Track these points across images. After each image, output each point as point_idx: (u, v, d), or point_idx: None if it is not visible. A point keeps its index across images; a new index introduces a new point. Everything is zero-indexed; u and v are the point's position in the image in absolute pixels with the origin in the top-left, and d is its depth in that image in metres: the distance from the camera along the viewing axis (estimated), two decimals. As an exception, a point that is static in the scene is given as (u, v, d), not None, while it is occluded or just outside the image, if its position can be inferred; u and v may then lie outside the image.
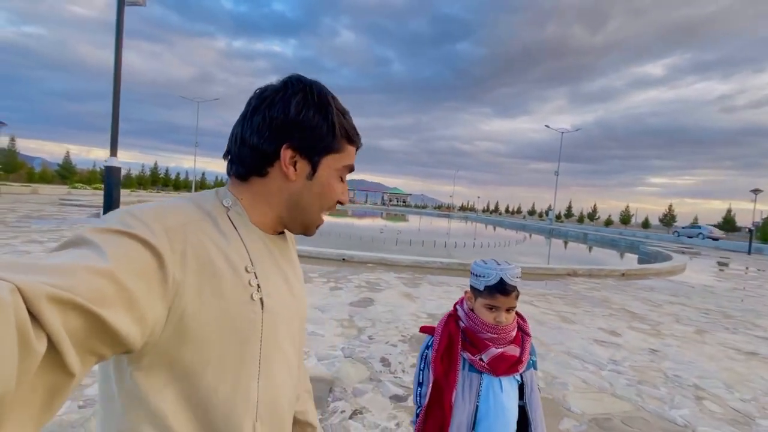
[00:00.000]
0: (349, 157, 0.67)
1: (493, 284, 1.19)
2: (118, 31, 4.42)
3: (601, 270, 9.28)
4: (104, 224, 0.46)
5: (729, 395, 3.17)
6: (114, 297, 0.39)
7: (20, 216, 12.11)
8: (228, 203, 0.60)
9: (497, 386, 1.20)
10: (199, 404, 0.51)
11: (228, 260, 0.54)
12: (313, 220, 0.67)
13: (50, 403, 0.34)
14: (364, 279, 6.56)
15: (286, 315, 0.63)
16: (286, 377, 0.63)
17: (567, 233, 30.55)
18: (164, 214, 0.51)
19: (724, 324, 5.57)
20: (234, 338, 0.53)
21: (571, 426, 2.52)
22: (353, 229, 19.88)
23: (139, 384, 0.48)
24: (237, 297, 0.54)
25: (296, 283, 0.70)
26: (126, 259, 0.42)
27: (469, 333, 1.23)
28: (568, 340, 4.26)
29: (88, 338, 0.37)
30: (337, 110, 0.64)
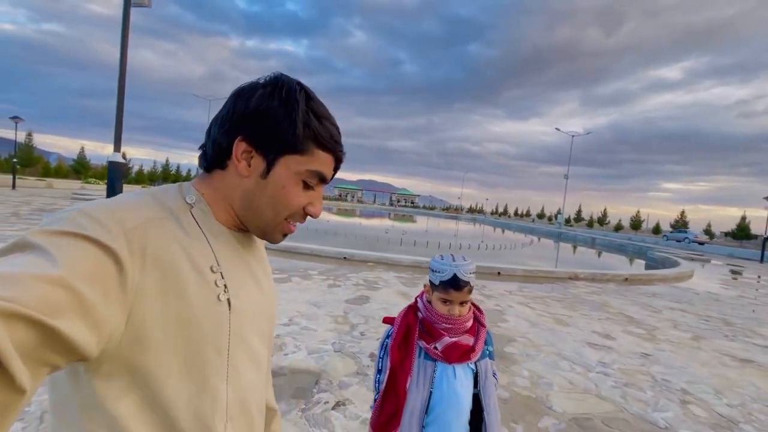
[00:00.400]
0: (318, 163, 0.60)
1: (447, 280, 1.25)
2: (123, 31, 4.55)
3: (603, 274, 9.21)
4: (53, 226, 0.43)
5: (716, 400, 3.17)
6: (67, 305, 0.37)
7: (33, 209, 12.46)
8: (191, 200, 0.57)
9: (451, 374, 1.26)
10: (164, 408, 0.49)
11: (192, 261, 0.52)
12: (269, 225, 0.61)
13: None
14: (362, 277, 6.63)
15: (255, 314, 0.61)
16: (255, 376, 0.62)
17: (575, 237, 30.25)
18: (122, 212, 0.48)
19: (723, 331, 5.52)
20: (200, 341, 0.51)
21: (550, 424, 2.55)
22: (359, 228, 19.98)
23: (97, 390, 0.46)
24: (202, 299, 0.52)
25: (265, 281, 0.67)
26: (79, 264, 0.40)
27: (426, 323, 1.29)
28: (559, 341, 4.27)
29: (40, 350, 0.35)
30: (309, 110, 0.59)
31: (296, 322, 4.01)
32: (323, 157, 0.60)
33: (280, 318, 4.10)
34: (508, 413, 2.64)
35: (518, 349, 3.88)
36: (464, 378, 1.28)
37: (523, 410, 2.70)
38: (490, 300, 5.92)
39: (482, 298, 6.02)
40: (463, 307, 1.27)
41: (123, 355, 0.46)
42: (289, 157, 0.58)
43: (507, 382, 3.12)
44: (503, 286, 7.19)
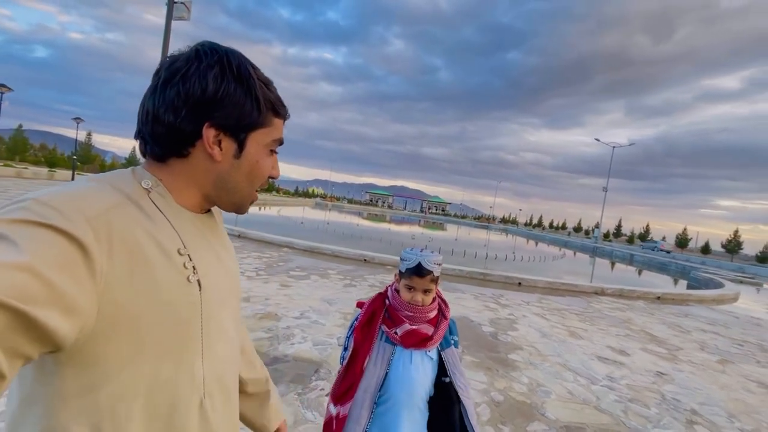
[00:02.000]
0: (277, 130, 0.63)
1: (412, 267, 1.35)
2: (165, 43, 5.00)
3: (633, 291, 8.81)
4: (11, 215, 0.41)
5: (727, 423, 3.03)
6: (38, 293, 0.37)
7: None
8: (148, 185, 0.56)
9: (407, 358, 1.36)
10: (141, 392, 0.50)
11: (158, 245, 0.51)
12: (244, 198, 0.64)
13: None
14: (379, 279, 6.77)
15: (223, 291, 0.63)
16: (229, 351, 0.64)
17: (612, 253, 28.84)
18: (82, 200, 0.46)
19: (757, 357, 5.17)
20: (173, 323, 0.52)
21: (539, 429, 2.57)
22: (386, 234, 20.14)
23: (69, 381, 0.46)
24: (172, 281, 0.52)
25: (228, 260, 0.68)
26: (45, 252, 0.39)
27: (391, 310, 1.40)
28: (568, 353, 4.20)
29: (14, 338, 0.35)
30: (260, 82, 0.60)
31: (307, 316, 4.21)
32: (278, 123, 0.63)
33: (291, 311, 4.32)
34: (498, 415, 2.68)
35: (522, 357, 3.86)
36: (421, 364, 1.36)
37: (515, 414, 2.72)
38: (505, 309, 5.88)
39: (497, 306, 5.99)
40: (427, 296, 1.36)
41: (96, 343, 0.45)
42: (256, 132, 0.60)
43: (504, 386, 3.14)
44: (522, 296, 7.08)
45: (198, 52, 0.57)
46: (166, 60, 0.58)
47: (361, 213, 48.23)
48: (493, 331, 4.66)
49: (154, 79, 0.57)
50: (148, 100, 0.57)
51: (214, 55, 0.57)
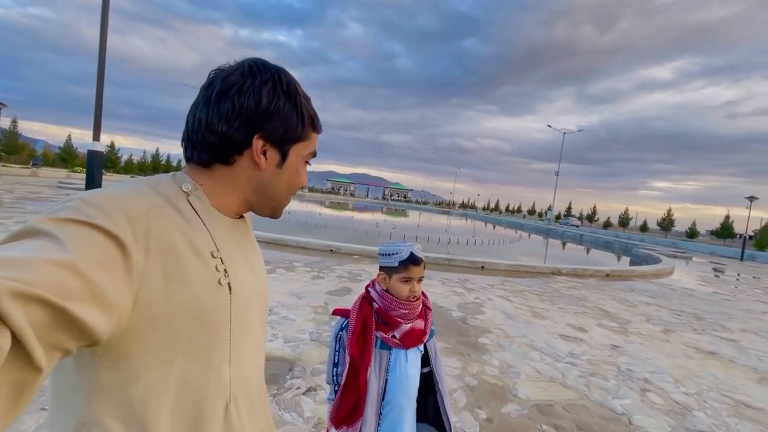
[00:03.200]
0: (313, 144, 0.69)
1: (406, 258, 1.31)
2: (103, 17, 4.50)
3: (585, 270, 9.42)
4: (60, 213, 0.44)
5: (674, 389, 3.32)
6: (78, 289, 0.38)
7: (16, 197, 12.28)
8: (188, 188, 0.58)
9: (403, 358, 1.32)
10: (170, 391, 0.51)
11: (193, 246, 0.54)
12: (281, 204, 0.69)
13: (17, 400, 0.34)
14: (347, 270, 6.71)
15: (252, 296, 0.64)
16: (256, 355, 0.65)
17: (563, 234, 30.66)
18: (124, 201, 0.49)
19: (693, 325, 5.72)
20: (203, 324, 0.53)
21: (513, 410, 2.67)
22: (350, 222, 20.03)
23: (104, 375, 0.48)
24: (204, 283, 0.53)
25: (258, 264, 0.70)
26: (88, 250, 0.41)
27: (382, 313, 1.32)
28: (533, 333, 4.41)
29: (54, 332, 0.37)
30: (304, 98, 0.65)
31: (276, 312, 4.08)
32: (314, 137, 0.69)
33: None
34: (474, 399, 2.75)
35: (491, 340, 4.00)
36: (414, 359, 1.35)
37: (489, 397, 2.81)
38: (471, 293, 6.05)
39: (463, 291, 6.15)
40: (420, 284, 1.34)
41: (130, 339, 0.47)
42: (298, 145, 0.65)
43: (477, 370, 3.24)
44: (486, 280, 7.33)
45: (252, 68, 0.61)
46: (218, 73, 0.62)
47: (323, 201, 47.58)
48: (462, 315, 4.78)
49: (206, 91, 0.61)
50: (200, 110, 0.60)
51: (266, 71, 0.61)
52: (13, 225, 7.44)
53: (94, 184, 4.55)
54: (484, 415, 2.57)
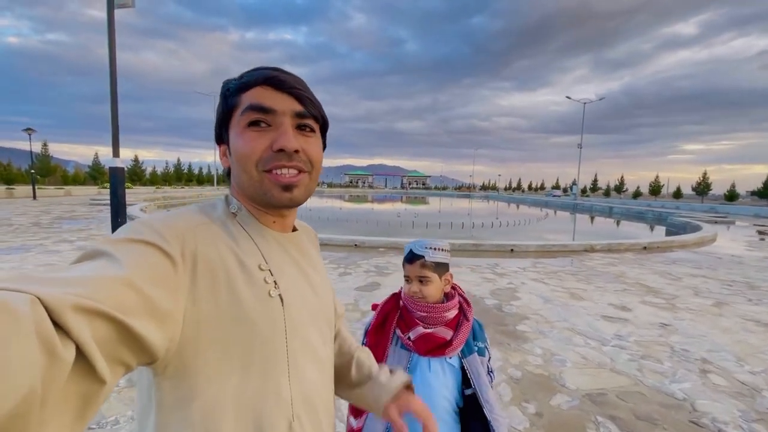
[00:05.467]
0: (245, 101, 0.59)
1: (405, 255, 1.24)
2: (109, 34, 4.52)
3: (620, 244, 9.00)
4: (116, 236, 0.47)
5: (737, 368, 3.07)
6: (135, 305, 0.40)
7: (53, 218, 12.84)
8: (234, 209, 0.61)
9: (425, 366, 1.21)
10: (228, 407, 0.51)
11: (239, 260, 0.54)
12: (255, 189, 0.59)
13: (83, 412, 0.35)
14: (373, 264, 6.64)
15: (310, 312, 0.62)
16: (318, 374, 0.62)
17: (591, 207, 29.62)
18: (173, 221, 0.52)
19: (747, 295, 5.34)
20: (256, 337, 0.53)
21: (562, 401, 2.52)
22: (371, 214, 19.99)
23: (167, 394, 0.49)
24: (254, 296, 0.53)
25: (318, 280, 0.68)
26: (141, 267, 0.43)
27: (404, 311, 1.26)
28: (573, 316, 4.20)
29: (115, 347, 0.38)
30: (231, 79, 0.63)
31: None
32: (249, 94, 0.59)
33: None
34: (519, 392, 2.62)
35: (531, 327, 3.83)
36: (440, 372, 1.22)
37: (535, 389, 2.67)
38: (503, 278, 5.86)
39: (494, 276, 5.97)
40: (426, 286, 1.21)
41: (185, 355, 0.48)
42: (231, 122, 0.61)
43: (519, 360, 3.09)
44: (517, 263, 7.11)
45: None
46: None
47: (342, 196, 47.80)
48: (496, 303, 4.62)
49: None
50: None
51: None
52: (51, 245, 7.76)
53: (117, 200, 4.63)
54: (532, 409, 2.44)
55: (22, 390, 0.29)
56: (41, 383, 0.30)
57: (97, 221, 12.14)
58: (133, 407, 2.32)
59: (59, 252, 7.04)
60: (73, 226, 10.74)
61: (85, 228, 10.48)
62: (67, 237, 8.83)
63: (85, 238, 8.71)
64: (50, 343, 0.31)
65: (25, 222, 11.42)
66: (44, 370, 0.30)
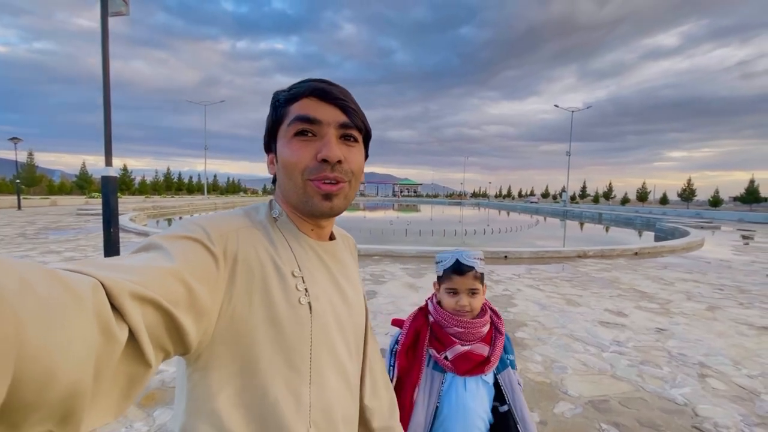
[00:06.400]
0: (293, 112, 0.61)
1: (450, 266, 1.17)
2: (103, 42, 4.47)
3: (612, 250, 9.10)
4: (169, 231, 0.51)
5: (735, 372, 3.10)
6: (181, 297, 0.42)
7: (39, 228, 12.54)
8: (276, 213, 0.64)
9: (461, 386, 1.16)
10: (251, 406, 0.52)
11: (275, 265, 0.56)
12: (298, 195, 0.61)
13: (129, 392, 0.37)
14: (368, 272, 6.60)
15: (338, 322, 0.62)
16: (341, 385, 0.62)
17: (581, 214, 29.99)
18: (219, 222, 0.55)
19: (738, 299, 5.42)
20: (283, 341, 0.54)
21: (566, 409, 2.51)
22: (363, 222, 19.95)
23: (196, 384, 0.51)
24: (284, 301, 0.55)
25: (350, 291, 0.68)
26: (189, 262, 0.46)
27: (437, 328, 1.19)
28: (571, 323, 4.21)
29: (161, 334, 0.40)
30: (281, 91, 0.64)
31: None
32: (298, 104, 0.61)
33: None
34: (522, 401, 2.59)
35: (529, 334, 3.83)
36: (476, 391, 1.17)
37: (538, 396, 2.65)
38: (498, 285, 5.87)
39: (490, 283, 5.97)
40: (474, 298, 1.17)
41: (215, 350, 0.50)
42: (279, 131, 0.62)
43: (520, 368, 3.07)
44: (511, 269, 7.13)
45: None
46: None
47: (334, 204, 47.54)
48: (493, 310, 4.61)
49: None
50: None
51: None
52: (38, 255, 7.56)
53: (110, 209, 4.54)
54: (536, 417, 2.42)
55: (81, 366, 0.30)
56: (96, 361, 0.32)
57: (85, 231, 11.88)
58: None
59: (46, 263, 6.84)
60: (60, 237, 10.49)
61: (72, 238, 10.24)
62: (53, 248, 8.62)
63: (73, 249, 8.50)
64: (107, 325, 0.33)
65: (11, 233, 11.13)
66: (100, 349, 0.32)
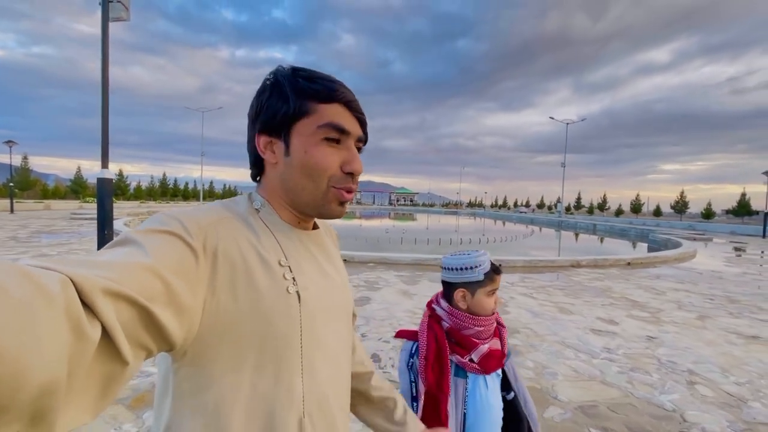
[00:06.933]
0: (327, 115, 0.59)
1: (489, 269, 1.17)
2: (103, 47, 4.52)
3: (605, 260, 9.17)
4: (144, 225, 0.49)
5: (723, 379, 3.14)
6: (158, 292, 0.41)
7: (32, 232, 12.44)
8: (258, 205, 0.62)
9: (483, 385, 1.15)
10: (242, 399, 0.51)
11: (260, 255, 0.55)
12: (316, 197, 0.61)
13: (106, 391, 0.36)
14: (363, 278, 6.61)
15: (327, 310, 0.62)
16: (333, 373, 0.62)
17: (576, 225, 30.19)
18: (197, 215, 0.53)
19: (728, 309, 5.48)
20: (272, 332, 0.53)
21: (555, 414, 2.53)
22: (359, 230, 19.96)
23: (183, 380, 0.50)
24: (272, 291, 0.54)
25: (338, 279, 0.67)
26: (165, 256, 0.44)
27: (454, 333, 1.17)
28: (563, 330, 4.24)
29: (138, 331, 0.39)
30: (296, 77, 0.60)
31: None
32: (329, 108, 0.60)
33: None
34: (513, 406, 2.61)
35: (522, 341, 3.85)
36: (494, 386, 1.18)
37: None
38: (492, 293, 5.89)
39: (484, 291, 5.99)
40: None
41: (202, 345, 0.49)
42: (298, 124, 0.59)
43: (511, 374, 3.09)
44: (505, 278, 7.16)
45: (262, 83, 0.63)
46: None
47: (330, 212, 47.54)
48: (486, 317, 4.63)
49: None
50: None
51: (267, 77, 0.62)
52: (30, 260, 7.49)
53: (105, 212, 4.54)
54: (526, 422, 2.43)
55: (51, 366, 0.29)
56: (68, 360, 0.31)
57: (78, 236, 11.80)
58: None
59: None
60: (53, 240, 10.42)
61: (65, 242, 10.17)
62: (46, 251, 8.56)
63: (66, 253, 8.44)
64: (78, 322, 0.32)
65: (2, 236, 11.04)
66: (72, 348, 0.31)
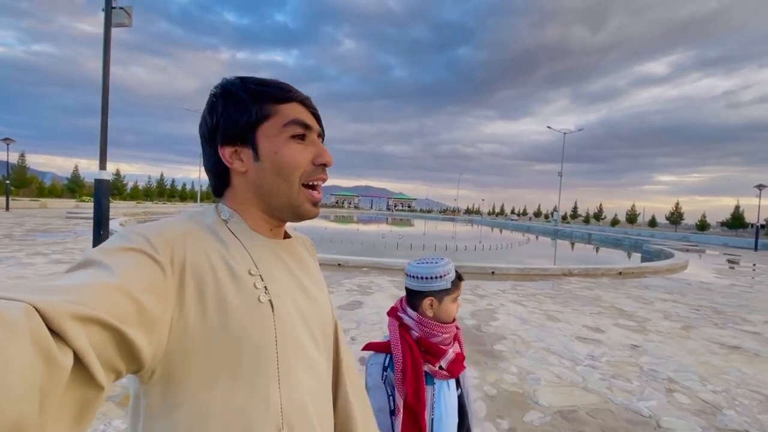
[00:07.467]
0: (288, 114, 0.61)
1: (455, 275, 1.18)
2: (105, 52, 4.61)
3: (597, 269, 9.27)
4: (106, 245, 0.48)
5: (701, 387, 3.22)
6: (129, 312, 0.40)
7: (27, 230, 12.44)
8: (226, 216, 0.61)
9: (446, 389, 1.18)
10: (216, 414, 0.50)
11: (229, 266, 0.54)
12: (291, 198, 0.62)
13: (81, 417, 0.35)
14: (356, 283, 6.67)
15: (303, 319, 0.61)
16: (313, 382, 0.60)
17: (572, 234, 30.37)
18: (162, 229, 0.52)
19: (713, 320, 5.58)
20: (244, 343, 0.52)
21: (535, 418, 2.60)
22: (356, 235, 20.02)
23: (154, 401, 0.49)
24: (243, 302, 0.53)
25: (314, 289, 0.67)
26: (132, 274, 0.43)
27: (424, 342, 1.16)
28: (549, 337, 4.32)
29: (110, 353, 0.38)
30: (246, 85, 0.61)
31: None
32: (288, 108, 0.62)
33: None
34: (494, 409, 2.68)
35: (508, 347, 3.92)
36: (454, 387, 1.22)
37: (510, 406, 2.74)
38: (483, 300, 5.97)
39: (475, 297, 6.07)
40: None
41: (171, 362, 0.48)
42: (262, 127, 0.60)
43: (495, 379, 3.16)
44: (497, 285, 7.24)
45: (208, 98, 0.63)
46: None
47: (328, 216, 47.71)
48: (475, 323, 4.71)
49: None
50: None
51: (212, 91, 0.63)
52: (24, 257, 7.53)
53: (101, 212, 4.59)
54: (506, 425, 2.50)
55: (21, 400, 0.28)
56: (40, 391, 0.30)
57: (73, 234, 11.82)
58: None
59: (33, 264, 6.83)
60: (48, 239, 10.43)
61: (61, 241, 10.19)
62: (41, 250, 8.58)
63: (61, 252, 8.47)
64: (48, 351, 0.31)
65: (-3, 233, 11.03)
66: (43, 378, 0.30)
